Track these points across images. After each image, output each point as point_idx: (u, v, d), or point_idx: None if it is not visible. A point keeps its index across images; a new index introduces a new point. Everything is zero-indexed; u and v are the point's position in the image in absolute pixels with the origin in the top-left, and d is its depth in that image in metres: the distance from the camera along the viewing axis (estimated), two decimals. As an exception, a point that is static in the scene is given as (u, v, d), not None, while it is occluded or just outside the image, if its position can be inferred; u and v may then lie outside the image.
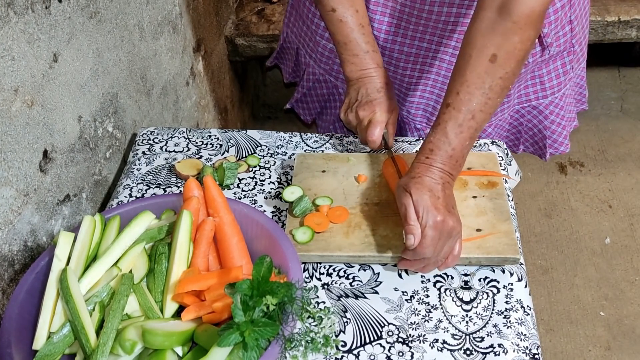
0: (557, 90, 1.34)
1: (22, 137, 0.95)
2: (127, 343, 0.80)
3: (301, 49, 1.43)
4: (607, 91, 2.80)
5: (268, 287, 0.80)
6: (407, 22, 1.21)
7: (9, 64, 0.91)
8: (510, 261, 0.99)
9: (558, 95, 1.34)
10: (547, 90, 1.33)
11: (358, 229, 1.03)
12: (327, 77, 1.40)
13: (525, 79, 1.31)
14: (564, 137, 1.41)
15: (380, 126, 1.12)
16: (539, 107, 1.36)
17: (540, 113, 1.37)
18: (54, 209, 1.06)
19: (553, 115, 1.36)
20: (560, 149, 1.42)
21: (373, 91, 1.14)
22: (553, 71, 1.30)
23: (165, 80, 1.56)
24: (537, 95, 1.34)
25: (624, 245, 2.17)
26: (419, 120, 1.36)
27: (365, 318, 0.95)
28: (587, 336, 1.93)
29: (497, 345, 0.92)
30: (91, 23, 1.15)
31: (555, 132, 1.39)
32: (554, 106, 1.35)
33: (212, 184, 0.97)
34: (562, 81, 1.33)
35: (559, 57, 1.29)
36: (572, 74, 1.35)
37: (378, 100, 1.13)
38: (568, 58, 1.30)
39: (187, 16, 1.72)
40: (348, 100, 1.18)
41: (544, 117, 1.37)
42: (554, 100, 1.35)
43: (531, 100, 1.35)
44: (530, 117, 1.38)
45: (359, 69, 1.16)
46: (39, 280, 0.88)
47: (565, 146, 1.42)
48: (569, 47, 1.28)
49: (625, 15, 2.23)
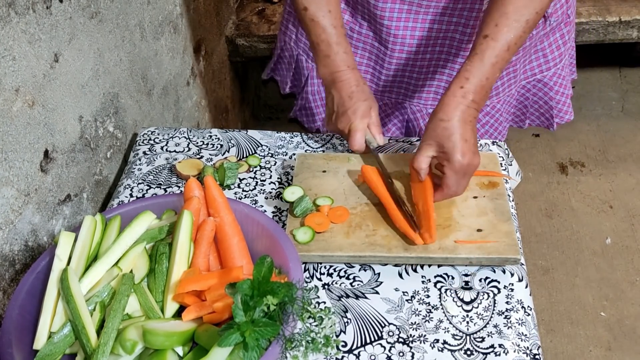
0: (559, 61, 1.37)
1: (23, 137, 0.96)
2: (128, 343, 0.80)
3: (302, 54, 1.43)
4: (608, 91, 2.80)
5: (269, 287, 0.80)
6: (418, 5, 1.22)
7: (10, 63, 0.91)
8: (511, 261, 0.99)
9: (560, 66, 1.38)
10: (550, 62, 1.36)
11: (359, 229, 1.03)
12: None
13: (529, 54, 1.34)
14: (568, 106, 1.45)
15: (359, 134, 1.12)
16: (544, 79, 1.39)
17: (545, 85, 1.40)
18: (55, 209, 1.06)
19: (557, 85, 1.40)
20: (565, 117, 1.46)
21: (346, 98, 1.14)
22: (554, 43, 1.34)
23: (166, 81, 1.57)
24: (542, 69, 1.37)
25: (624, 246, 2.17)
26: (431, 103, 1.37)
27: (366, 318, 0.95)
28: (587, 337, 1.93)
29: (498, 346, 0.92)
30: (92, 23, 1.15)
31: (560, 101, 1.43)
32: (557, 77, 1.39)
33: (212, 184, 0.97)
34: (562, 52, 1.37)
35: (558, 29, 1.32)
36: (569, 44, 1.39)
37: (352, 108, 1.13)
38: (566, 29, 1.33)
39: (187, 16, 1.72)
40: (328, 112, 1.19)
41: (549, 89, 1.40)
42: (556, 71, 1.38)
43: (536, 74, 1.38)
44: (535, 91, 1.41)
45: (330, 71, 1.16)
46: (40, 280, 0.88)
47: (570, 114, 1.46)
48: (566, 18, 1.32)
49: (626, 15, 2.23)
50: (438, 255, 0.99)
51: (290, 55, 1.46)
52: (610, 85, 2.83)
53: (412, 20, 1.25)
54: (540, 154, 2.53)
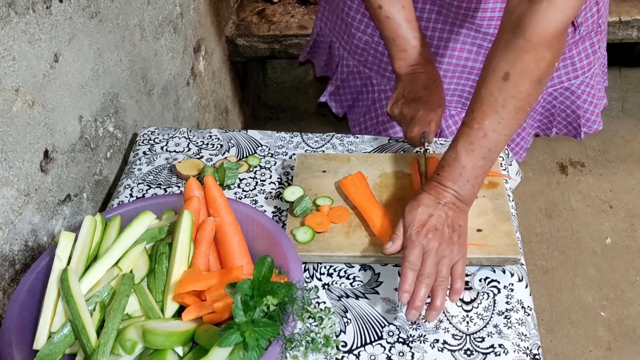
0: (588, 70, 1.36)
1: (23, 137, 0.95)
2: (128, 343, 0.80)
3: (335, 42, 1.45)
4: (608, 91, 2.79)
5: (269, 287, 0.80)
6: (448, 10, 1.22)
7: (10, 64, 0.91)
8: (511, 261, 0.99)
9: (589, 75, 1.37)
10: (578, 70, 1.35)
11: (359, 229, 1.03)
12: (362, 68, 1.41)
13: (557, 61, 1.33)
14: (597, 115, 1.44)
15: (421, 124, 1.12)
16: (571, 87, 1.38)
17: (573, 94, 1.39)
18: (55, 209, 1.06)
19: (585, 94, 1.39)
20: (594, 127, 1.45)
21: (420, 88, 1.14)
22: (583, 52, 1.33)
23: (166, 81, 1.57)
24: (569, 77, 1.36)
25: (624, 246, 2.17)
26: (454, 106, 1.37)
27: (366, 318, 0.95)
28: (587, 337, 1.93)
29: (498, 346, 0.92)
30: (92, 23, 1.15)
31: (588, 110, 1.42)
32: (585, 85, 1.38)
33: (212, 184, 0.97)
34: (592, 61, 1.35)
35: (588, 38, 1.31)
36: (600, 53, 1.37)
37: (423, 98, 1.14)
38: (596, 38, 1.32)
39: (187, 16, 1.72)
40: (396, 95, 1.19)
41: (576, 97, 1.39)
42: (584, 80, 1.37)
43: (563, 82, 1.37)
44: (562, 99, 1.41)
45: (407, 64, 1.17)
46: (40, 280, 0.88)
47: (598, 124, 1.45)
48: (596, 27, 1.30)
49: (626, 15, 2.23)
50: (438, 255, 0.99)
51: (324, 41, 1.50)
52: (610, 86, 2.82)
53: (442, 23, 1.25)
54: (540, 154, 2.53)
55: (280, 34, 2.17)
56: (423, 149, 1.13)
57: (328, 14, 1.45)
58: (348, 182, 1.09)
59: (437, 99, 1.15)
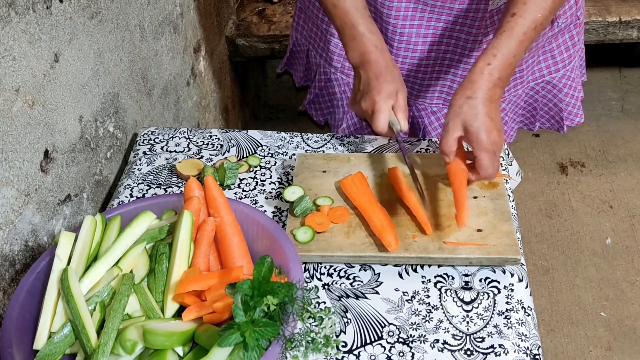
0: (568, 63, 1.37)
1: (23, 137, 0.96)
2: (128, 343, 0.80)
3: (312, 50, 1.45)
4: (607, 91, 2.80)
5: (269, 287, 0.80)
6: (424, 4, 1.22)
7: (10, 64, 0.91)
8: (511, 262, 0.99)
9: (569, 68, 1.38)
10: (559, 63, 1.36)
11: (359, 229, 1.03)
12: (339, 75, 1.41)
13: (537, 55, 1.34)
14: (578, 108, 1.44)
15: (381, 115, 1.08)
16: (553, 81, 1.39)
17: (555, 87, 1.40)
18: (55, 209, 1.06)
19: (566, 87, 1.40)
20: (576, 120, 1.46)
21: (372, 78, 1.11)
22: (562, 44, 1.34)
23: (166, 81, 1.57)
24: (550, 70, 1.37)
25: (624, 246, 2.17)
26: (435, 102, 1.37)
27: (366, 318, 0.95)
28: (587, 337, 1.93)
29: (498, 346, 0.92)
30: (92, 23, 1.15)
31: (570, 104, 1.42)
32: (566, 79, 1.39)
33: (213, 184, 0.97)
34: (572, 53, 1.36)
35: (567, 30, 1.32)
36: (579, 46, 1.38)
37: (377, 88, 1.10)
38: (575, 30, 1.33)
39: (187, 16, 1.72)
40: (353, 92, 1.17)
41: (558, 91, 1.40)
42: (565, 73, 1.38)
43: (544, 75, 1.38)
44: (544, 93, 1.41)
45: (359, 52, 1.13)
46: (40, 280, 0.88)
47: (580, 116, 1.46)
48: (575, 20, 1.31)
49: (626, 15, 2.23)
50: (438, 255, 0.99)
51: (301, 51, 1.49)
52: (610, 85, 2.82)
53: (418, 19, 1.25)
54: (540, 154, 2.53)
55: (280, 34, 2.17)
56: (396, 138, 1.11)
57: (303, 22, 1.44)
58: (348, 182, 1.09)
59: (393, 85, 1.10)
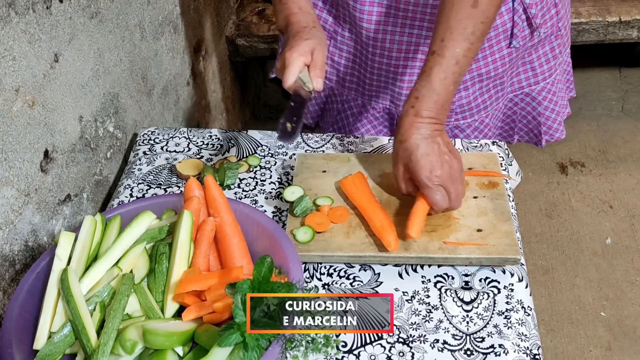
0: (548, 75, 1.35)
1: (23, 137, 0.96)
2: (128, 343, 0.80)
3: None
4: (608, 91, 2.80)
5: (269, 287, 0.80)
6: (396, 9, 1.21)
7: (10, 64, 0.91)
8: (511, 261, 0.99)
9: (550, 81, 1.36)
10: (539, 75, 1.35)
11: (359, 229, 1.03)
12: (325, 81, 1.40)
13: (517, 66, 1.33)
14: (559, 124, 1.42)
15: (289, 69, 1.01)
16: (532, 93, 1.37)
17: (534, 100, 1.38)
18: (55, 209, 1.06)
19: (546, 101, 1.38)
20: (555, 135, 1.44)
21: (291, 38, 1.07)
22: (543, 56, 1.32)
23: (166, 81, 1.57)
24: (529, 82, 1.36)
25: (624, 246, 2.17)
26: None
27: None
28: (587, 336, 1.93)
29: (498, 346, 0.92)
30: (92, 23, 1.15)
31: (549, 118, 1.40)
32: (546, 92, 1.37)
33: (212, 184, 0.97)
34: (552, 66, 1.35)
35: (547, 42, 1.31)
36: (561, 58, 1.36)
37: (291, 44, 1.05)
38: (556, 42, 1.32)
39: (187, 16, 1.72)
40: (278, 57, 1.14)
41: (537, 104, 1.38)
42: (545, 86, 1.36)
43: (523, 87, 1.36)
44: (523, 105, 1.40)
45: (283, 15, 1.11)
46: (40, 280, 0.88)
47: (561, 132, 1.44)
48: (556, 31, 1.30)
49: (626, 15, 2.23)
50: (438, 255, 0.99)
51: None
52: (610, 85, 2.83)
53: (392, 25, 1.23)
54: (540, 154, 2.53)
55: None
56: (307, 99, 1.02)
57: None
58: (348, 182, 1.09)
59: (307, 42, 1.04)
